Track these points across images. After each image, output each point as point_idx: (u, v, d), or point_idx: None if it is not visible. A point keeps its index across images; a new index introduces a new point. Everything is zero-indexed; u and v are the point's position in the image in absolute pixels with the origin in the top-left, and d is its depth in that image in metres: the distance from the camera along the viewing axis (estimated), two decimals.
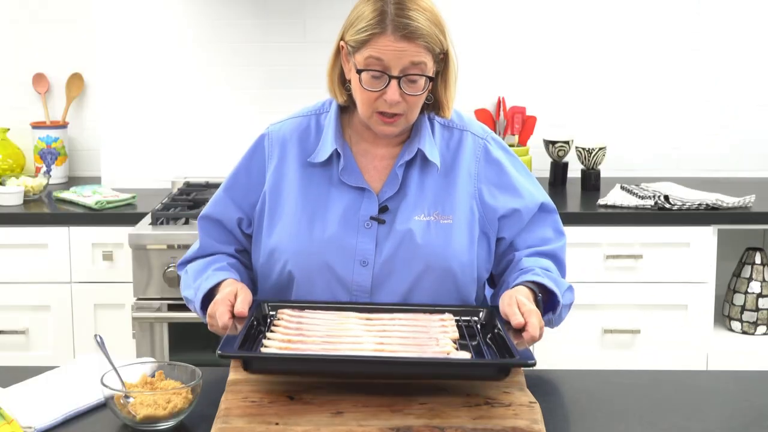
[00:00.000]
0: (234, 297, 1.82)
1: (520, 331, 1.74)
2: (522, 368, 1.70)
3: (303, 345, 1.68)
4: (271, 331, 1.75)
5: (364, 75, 1.83)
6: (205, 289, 1.92)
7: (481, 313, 1.88)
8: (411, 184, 1.94)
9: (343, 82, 1.93)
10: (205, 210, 2.05)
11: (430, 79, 1.85)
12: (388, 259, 1.91)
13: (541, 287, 1.89)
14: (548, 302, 1.92)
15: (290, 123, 2.01)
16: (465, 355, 1.66)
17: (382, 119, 1.87)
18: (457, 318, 1.86)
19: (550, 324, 1.93)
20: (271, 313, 1.86)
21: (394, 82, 1.82)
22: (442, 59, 1.88)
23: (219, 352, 1.58)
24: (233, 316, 1.79)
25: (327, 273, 1.92)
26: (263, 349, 1.66)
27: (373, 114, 1.87)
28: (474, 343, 1.78)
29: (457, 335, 1.76)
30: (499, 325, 1.78)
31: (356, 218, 1.92)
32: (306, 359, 1.63)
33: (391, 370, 1.62)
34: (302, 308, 1.87)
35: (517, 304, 1.78)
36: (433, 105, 1.94)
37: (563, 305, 1.93)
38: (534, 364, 1.58)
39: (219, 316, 1.79)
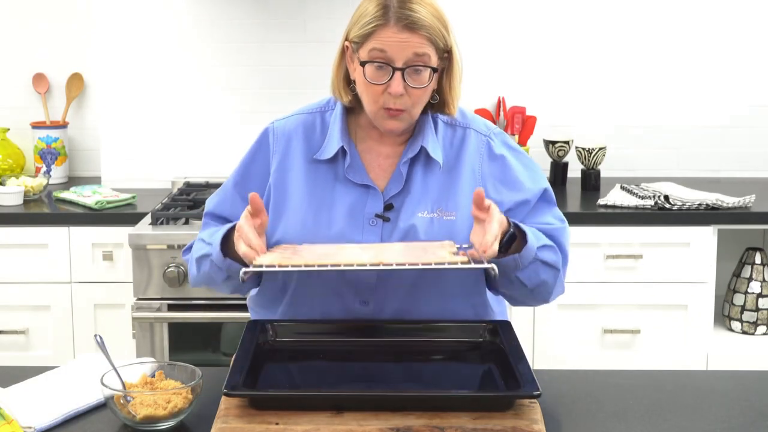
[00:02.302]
0: (250, 219, 1.82)
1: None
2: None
3: (298, 258, 1.71)
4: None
5: (368, 67, 1.84)
6: (222, 233, 1.90)
7: (486, 329, 1.89)
8: (415, 181, 1.95)
9: (348, 83, 1.93)
10: (211, 206, 2.05)
11: (434, 70, 1.85)
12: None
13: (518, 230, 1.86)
14: (521, 245, 1.88)
15: (295, 119, 2.02)
16: (462, 258, 1.68)
17: (388, 113, 1.87)
18: (458, 246, 1.85)
19: (516, 268, 1.86)
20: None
21: (398, 74, 1.83)
22: (447, 57, 1.89)
23: (224, 391, 1.58)
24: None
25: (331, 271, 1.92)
26: (256, 260, 1.69)
27: (379, 109, 1.88)
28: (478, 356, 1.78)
29: (455, 249, 1.77)
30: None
31: (361, 216, 1.93)
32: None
33: (392, 402, 1.60)
34: (299, 245, 1.89)
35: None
36: (439, 104, 1.94)
37: (539, 259, 1.88)
38: (539, 396, 1.58)
39: (254, 246, 1.78)
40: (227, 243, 1.89)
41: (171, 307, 3.10)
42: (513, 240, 1.84)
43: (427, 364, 1.85)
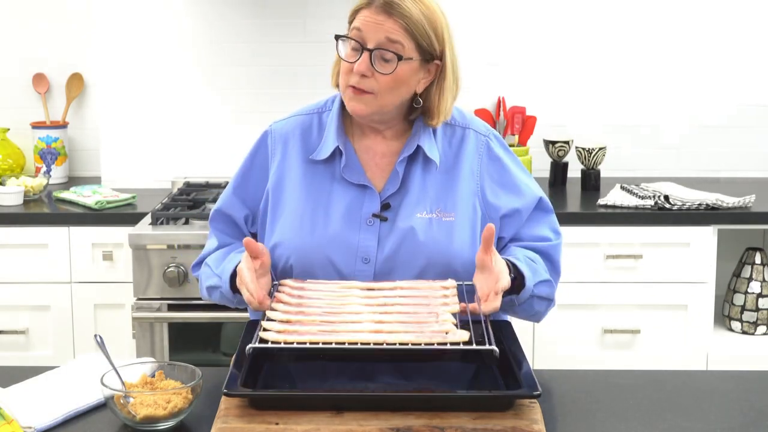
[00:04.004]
0: (250, 261, 1.83)
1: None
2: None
3: (301, 327, 1.70)
4: (272, 309, 1.77)
5: (342, 44, 1.87)
6: (230, 269, 1.92)
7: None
8: (413, 181, 1.95)
9: None
10: (217, 204, 2.07)
11: (399, 57, 1.84)
12: (390, 256, 1.91)
13: (517, 271, 1.88)
14: (519, 287, 1.90)
15: (293, 120, 2.03)
16: (464, 335, 1.67)
17: (352, 91, 1.88)
18: (460, 283, 1.86)
19: (511, 306, 1.91)
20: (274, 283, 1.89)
21: (365, 54, 1.84)
22: (437, 66, 1.90)
23: (224, 391, 1.58)
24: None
25: (329, 269, 1.92)
26: (262, 333, 1.68)
27: (346, 88, 1.89)
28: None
29: (458, 308, 1.77)
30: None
31: (358, 215, 1.93)
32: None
33: (390, 403, 1.61)
34: (304, 279, 1.90)
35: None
36: (423, 111, 1.95)
37: (534, 296, 1.91)
38: (539, 396, 1.58)
39: (251, 292, 1.80)
40: (235, 279, 1.91)
41: (171, 307, 3.10)
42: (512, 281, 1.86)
43: (427, 364, 1.85)
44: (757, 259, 3.40)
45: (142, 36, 3.72)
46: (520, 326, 3.10)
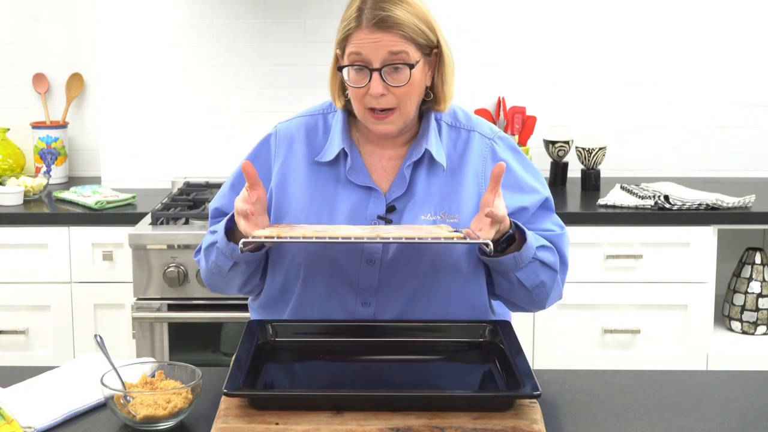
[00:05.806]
0: (246, 193, 1.83)
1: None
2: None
3: (292, 230, 1.72)
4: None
5: (349, 71, 1.85)
6: (226, 218, 1.91)
7: (486, 329, 1.89)
8: (418, 184, 1.95)
9: (344, 89, 1.94)
10: (213, 203, 2.06)
11: (411, 66, 1.85)
12: (394, 257, 1.91)
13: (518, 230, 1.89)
14: (520, 243, 1.90)
15: (298, 121, 2.03)
16: (458, 235, 1.71)
17: (374, 116, 1.88)
18: (457, 230, 1.87)
19: (514, 268, 1.88)
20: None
21: (375, 75, 1.83)
22: (436, 54, 1.90)
23: (224, 391, 1.58)
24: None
25: (333, 270, 1.92)
26: (256, 232, 1.73)
27: (365, 112, 1.88)
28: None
29: (452, 232, 1.79)
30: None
31: (363, 217, 1.93)
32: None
33: (390, 403, 1.60)
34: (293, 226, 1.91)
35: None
36: (431, 101, 1.95)
37: (537, 259, 1.89)
38: (539, 396, 1.58)
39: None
40: (233, 230, 1.90)
41: (171, 307, 3.10)
42: (512, 241, 1.86)
43: (427, 364, 1.85)
44: (757, 259, 3.40)
45: (142, 36, 3.72)
46: (520, 326, 3.12)
